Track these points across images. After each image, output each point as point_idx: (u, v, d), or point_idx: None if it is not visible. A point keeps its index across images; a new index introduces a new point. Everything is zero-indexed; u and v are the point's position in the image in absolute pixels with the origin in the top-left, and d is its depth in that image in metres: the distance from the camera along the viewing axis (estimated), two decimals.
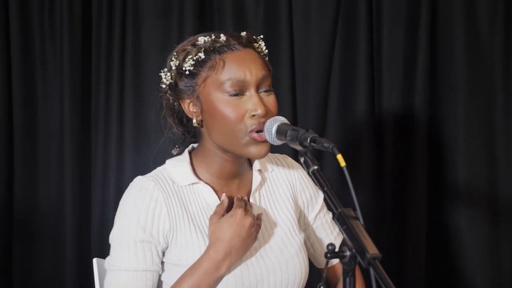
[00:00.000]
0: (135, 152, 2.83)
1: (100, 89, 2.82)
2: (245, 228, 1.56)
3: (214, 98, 1.57)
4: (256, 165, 1.72)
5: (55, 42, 2.81)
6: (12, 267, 2.82)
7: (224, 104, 1.56)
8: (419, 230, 2.86)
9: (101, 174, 2.83)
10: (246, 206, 1.60)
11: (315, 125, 2.88)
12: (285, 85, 2.86)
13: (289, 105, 2.87)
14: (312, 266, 1.87)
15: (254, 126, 1.55)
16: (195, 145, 1.71)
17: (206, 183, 1.64)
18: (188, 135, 1.71)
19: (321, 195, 1.82)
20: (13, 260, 2.82)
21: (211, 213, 1.61)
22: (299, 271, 1.66)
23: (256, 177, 1.71)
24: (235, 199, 1.62)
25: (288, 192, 1.75)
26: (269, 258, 1.64)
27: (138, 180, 1.62)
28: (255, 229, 1.59)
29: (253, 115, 1.55)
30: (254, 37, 1.67)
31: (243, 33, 1.65)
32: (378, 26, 2.88)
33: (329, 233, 1.82)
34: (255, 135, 1.55)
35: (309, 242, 1.82)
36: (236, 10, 2.85)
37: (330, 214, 1.85)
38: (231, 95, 1.56)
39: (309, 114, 2.90)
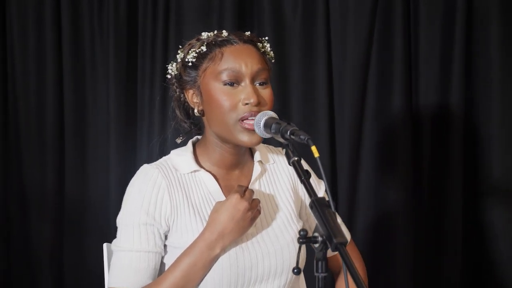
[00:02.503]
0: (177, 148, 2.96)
1: (145, 87, 2.97)
2: (239, 212, 1.65)
3: (212, 87, 1.69)
4: (257, 156, 1.82)
5: (103, 43, 2.97)
6: (63, 259, 2.99)
7: (220, 92, 1.68)
8: (455, 226, 2.90)
9: None
10: (246, 191, 1.69)
11: (352, 123, 2.95)
12: (322, 83, 2.94)
13: (325, 103, 2.94)
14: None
15: (245, 113, 1.66)
16: (199, 136, 1.83)
17: (207, 171, 1.75)
18: (194, 128, 1.83)
19: (322, 187, 1.89)
20: (64, 252, 2.99)
21: (212, 200, 1.72)
22: (294, 258, 1.73)
23: (256, 168, 1.81)
24: (237, 186, 1.72)
25: (288, 183, 1.84)
26: (265, 244, 1.73)
27: (144, 168, 1.75)
28: (252, 213, 1.67)
29: (246, 104, 1.66)
30: (260, 38, 1.78)
31: (247, 33, 1.76)
32: (415, 24, 2.93)
33: None
34: (246, 124, 1.66)
35: (311, 233, 1.89)
36: (275, 9, 2.96)
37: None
38: (226, 84, 1.68)
39: (346, 112, 2.96)
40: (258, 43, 1.76)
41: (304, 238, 1.41)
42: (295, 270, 1.44)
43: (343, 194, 2.98)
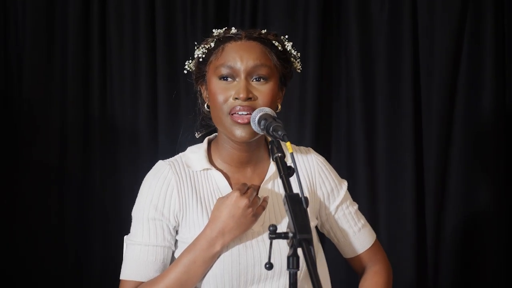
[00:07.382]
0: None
1: None
2: (239, 209, 1.64)
3: (211, 81, 1.71)
4: None
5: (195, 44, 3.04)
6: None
7: (216, 86, 1.69)
8: None
9: None
10: (249, 189, 1.67)
11: (440, 121, 2.85)
12: (408, 80, 2.87)
13: (411, 100, 2.87)
14: (341, 256, 1.89)
15: (236, 107, 1.65)
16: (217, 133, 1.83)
17: (218, 169, 1.75)
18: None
19: (343, 188, 1.83)
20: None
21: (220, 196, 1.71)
22: (302, 256, 1.68)
23: (271, 168, 1.78)
24: (241, 184, 1.70)
25: (305, 183, 1.79)
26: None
27: (157, 164, 1.78)
28: (253, 209, 1.65)
29: (236, 98, 1.65)
30: (280, 37, 1.76)
31: (263, 31, 1.74)
32: (509, 17, 2.81)
33: (352, 224, 1.82)
34: (236, 117, 1.65)
35: (332, 233, 1.84)
36: (361, 6, 2.91)
37: (356, 206, 1.85)
38: (221, 79, 1.68)
39: (433, 109, 2.88)
40: (274, 41, 1.73)
41: (274, 233, 1.38)
42: (267, 266, 1.41)
43: (430, 194, 2.88)
